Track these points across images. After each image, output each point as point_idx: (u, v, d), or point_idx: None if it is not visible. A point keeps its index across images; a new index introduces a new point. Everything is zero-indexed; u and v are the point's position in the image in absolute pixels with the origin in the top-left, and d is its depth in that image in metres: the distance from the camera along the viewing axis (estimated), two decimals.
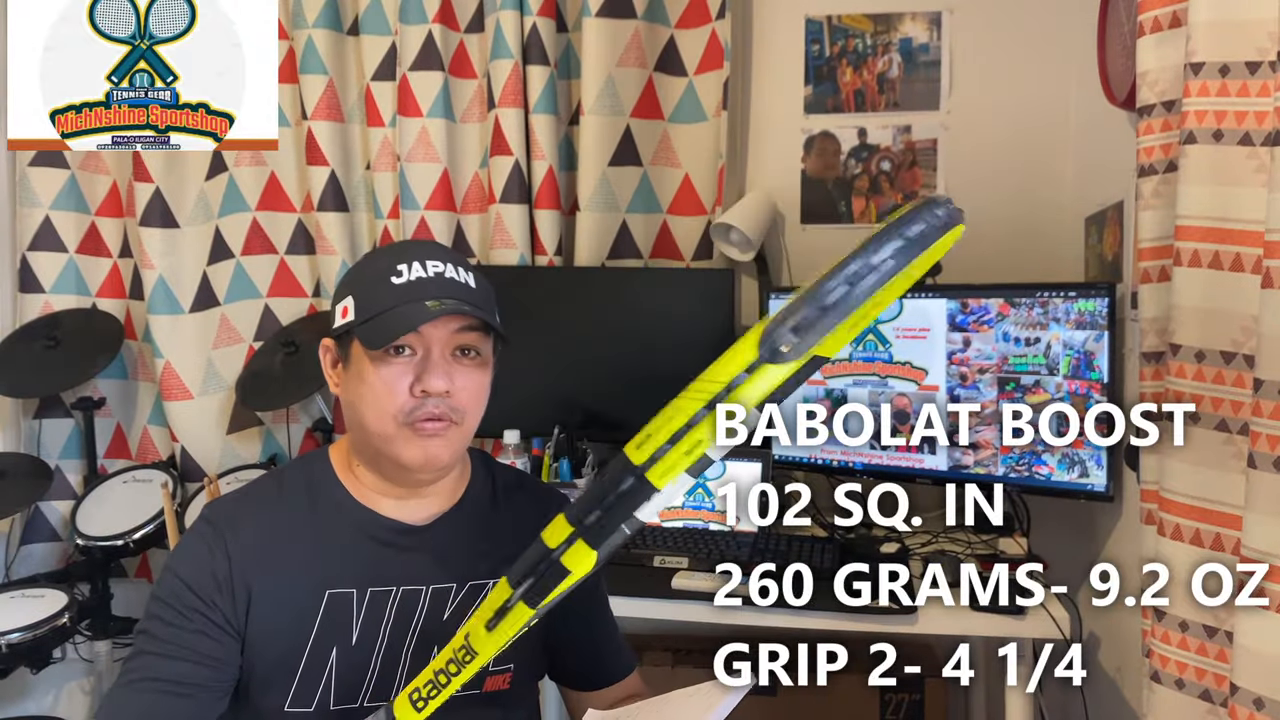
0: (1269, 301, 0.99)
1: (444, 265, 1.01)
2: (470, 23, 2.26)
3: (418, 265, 1.00)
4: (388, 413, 0.99)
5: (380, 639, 1.03)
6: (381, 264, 1.01)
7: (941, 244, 0.66)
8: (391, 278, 0.99)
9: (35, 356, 2.20)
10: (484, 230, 2.29)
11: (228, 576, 0.99)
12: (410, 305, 0.97)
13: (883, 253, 0.55)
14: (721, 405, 0.54)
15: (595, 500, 0.59)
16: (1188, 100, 1.15)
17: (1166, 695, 1.21)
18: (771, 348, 0.54)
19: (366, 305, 0.99)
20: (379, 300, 0.98)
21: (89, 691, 2.39)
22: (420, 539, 1.07)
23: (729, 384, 0.54)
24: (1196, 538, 1.17)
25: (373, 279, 1.00)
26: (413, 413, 0.99)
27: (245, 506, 1.07)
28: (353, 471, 1.07)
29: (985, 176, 2.23)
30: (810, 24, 2.29)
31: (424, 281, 0.99)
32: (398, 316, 0.96)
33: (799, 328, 0.54)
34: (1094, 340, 1.65)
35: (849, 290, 0.54)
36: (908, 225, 0.56)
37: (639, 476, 0.56)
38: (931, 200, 0.59)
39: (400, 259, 1.00)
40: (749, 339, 0.54)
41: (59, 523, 2.35)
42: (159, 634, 0.98)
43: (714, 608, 1.54)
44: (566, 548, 0.62)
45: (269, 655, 1.01)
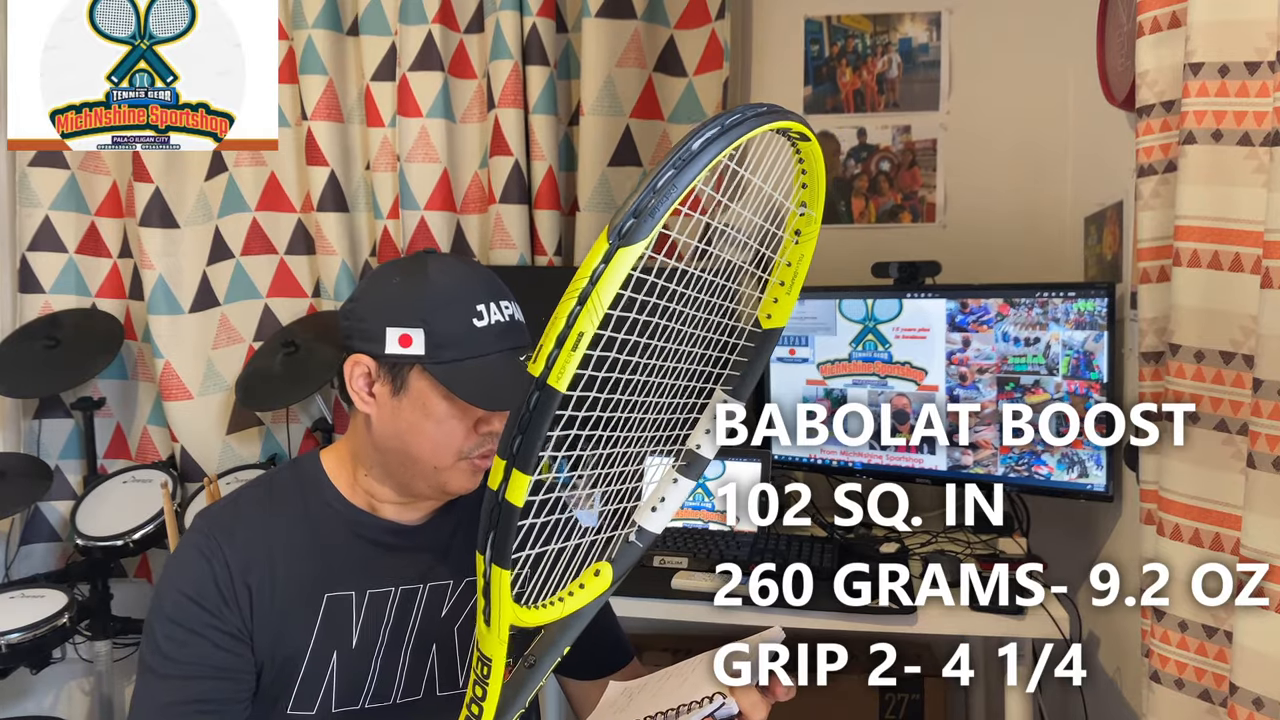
0: (1268, 301, 0.99)
1: (510, 304, 1.02)
2: (470, 23, 2.26)
3: (494, 307, 0.99)
4: (452, 449, 0.99)
5: (380, 640, 1.04)
6: (452, 296, 0.99)
7: (811, 156, 0.75)
8: (473, 319, 0.98)
9: (35, 356, 2.20)
10: (484, 230, 2.29)
11: (229, 584, 0.99)
12: (504, 358, 0.98)
13: (702, 137, 0.62)
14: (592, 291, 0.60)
15: (513, 425, 0.63)
16: (1187, 100, 1.15)
17: (1166, 695, 1.21)
18: (619, 233, 0.60)
19: (445, 345, 0.97)
20: (462, 343, 0.97)
21: (89, 691, 2.39)
22: (415, 538, 1.07)
23: (591, 276, 0.60)
24: (1196, 537, 1.17)
25: (447, 314, 0.98)
26: (474, 450, 1.00)
27: (238, 514, 1.06)
28: (355, 479, 1.06)
29: (985, 176, 2.23)
30: (810, 24, 2.29)
31: (503, 328, 0.99)
32: (496, 376, 0.97)
33: (638, 211, 0.60)
34: (1093, 340, 1.65)
35: (675, 174, 0.61)
36: (727, 115, 0.65)
37: (541, 385, 0.62)
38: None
39: (473, 296, 0.99)
40: (600, 238, 0.61)
41: (59, 523, 2.35)
42: (175, 655, 0.97)
43: (714, 608, 1.54)
44: (506, 483, 0.64)
45: (269, 660, 1.00)
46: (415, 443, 1.00)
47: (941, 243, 2.22)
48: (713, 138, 0.63)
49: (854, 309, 1.94)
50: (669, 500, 0.82)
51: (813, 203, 0.78)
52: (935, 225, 2.27)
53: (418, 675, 1.06)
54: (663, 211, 0.61)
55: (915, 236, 2.26)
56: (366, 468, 1.05)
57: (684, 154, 0.62)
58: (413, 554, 1.06)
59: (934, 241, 2.24)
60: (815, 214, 0.79)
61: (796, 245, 0.80)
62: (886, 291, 1.92)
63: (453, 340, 0.97)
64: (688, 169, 0.61)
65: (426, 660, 1.06)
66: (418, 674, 1.06)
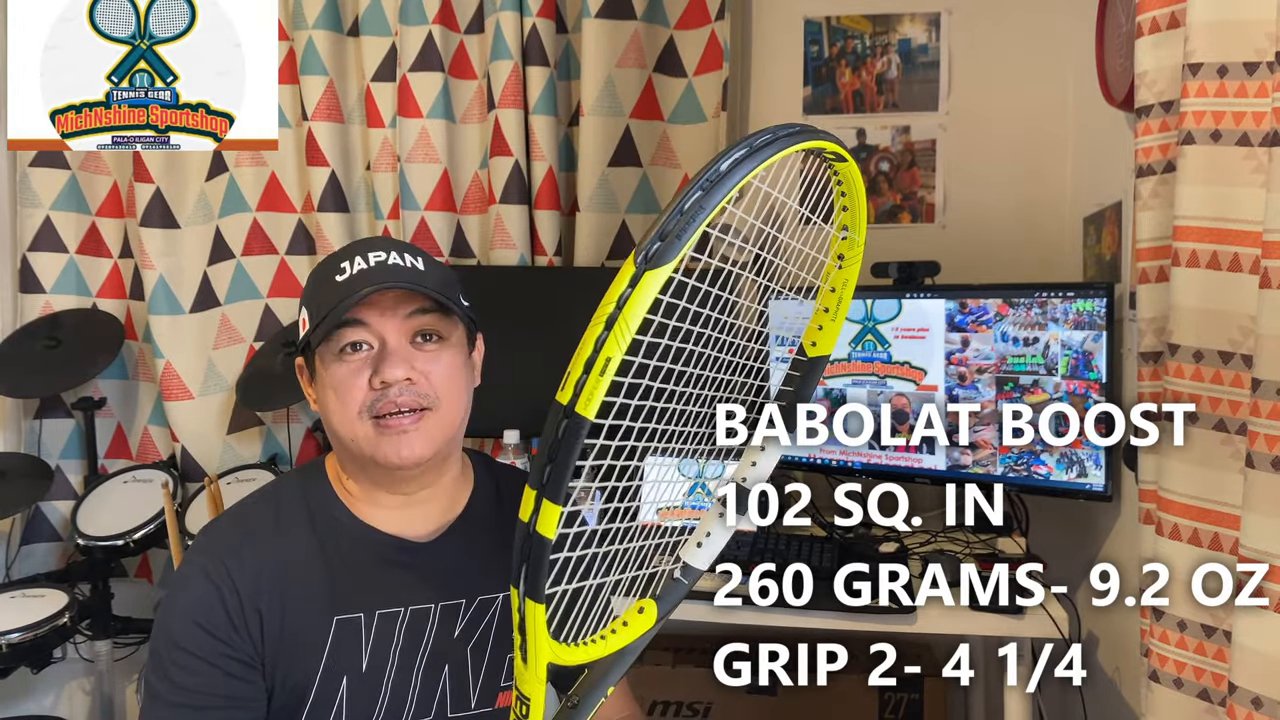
0: (1267, 301, 0.99)
1: (387, 254, 0.98)
2: (470, 24, 2.27)
3: (359, 259, 0.97)
4: (351, 411, 0.97)
5: (390, 663, 1.01)
6: (327, 267, 0.99)
7: (850, 178, 0.72)
8: (335, 277, 0.97)
9: (35, 356, 2.20)
10: (484, 231, 2.29)
11: (239, 610, 0.97)
12: (352, 298, 0.94)
13: (731, 158, 0.61)
14: (619, 318, 0.59)
15: (543, 455, 0.61)
16: (1186, 101, 1.15)
17: (1165, 694, 1.21)
18: (645, 256, 0.59)
19: (317, 310, 0.97)
20: (326, 301, 0.96)
21: (89, 691, 2.39)
22: (426, 555, 1.04)
23: (618, 301, 0.59)
24: (1195, 537, 1.17)
25: (320, 284, 0.98)
26: (374, 405, 0.96)
27: (246, 534, 1.02)
28: (344, 485, 1.04)
29: (984, 177, 2.23)
30: (809, 25, 2.29)
31: (365, 273, 0.96)
32: (340, 311, 0.94)
33: (664, 234, 0.59)
34: (1092, 340, 1.65)
35: (703, 195, 0.60)
36: (756, 136, 0.63)
37: (569, 413, 0.60)
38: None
39: (343, 258, 0.98)
40: (628, 261, 0.60)
41: (59, 523, 2.35)
42: (185, 684, 0.95)
43: (714, 608, 1.54)
44: (536, 515, 0.62)
45: (280, 685, 0.98)
46: (331, 419, 0.99)
47: (941, 243, 2.22)
48: (741, 159, 0.62)
49: (853, 309, 1.93)
50: (715, 535, 0.80)
51: (854, 226, 0.76)
52: (934, 225, 2.27)
53: (429, 696, 1.03)
54: (690, 234, 0.59)
55: (914, 237, 2.27)
56: (343, 469, 1.04)
57: (712, 175, 0.61)
58: (423, 572, 1.03)
59: (933, 242, 2.24)
60: (858, 238, 0.77)
61: (840, 270, 0.79)
62: (886, 291, 1.93)
63: (323, 304, 0.96)
64: (715, 190, 0.60)
65: (438, 681, 1.03)
66: (429, 695, 1.03)
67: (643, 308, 0.59)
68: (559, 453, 0.60)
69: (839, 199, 0.75)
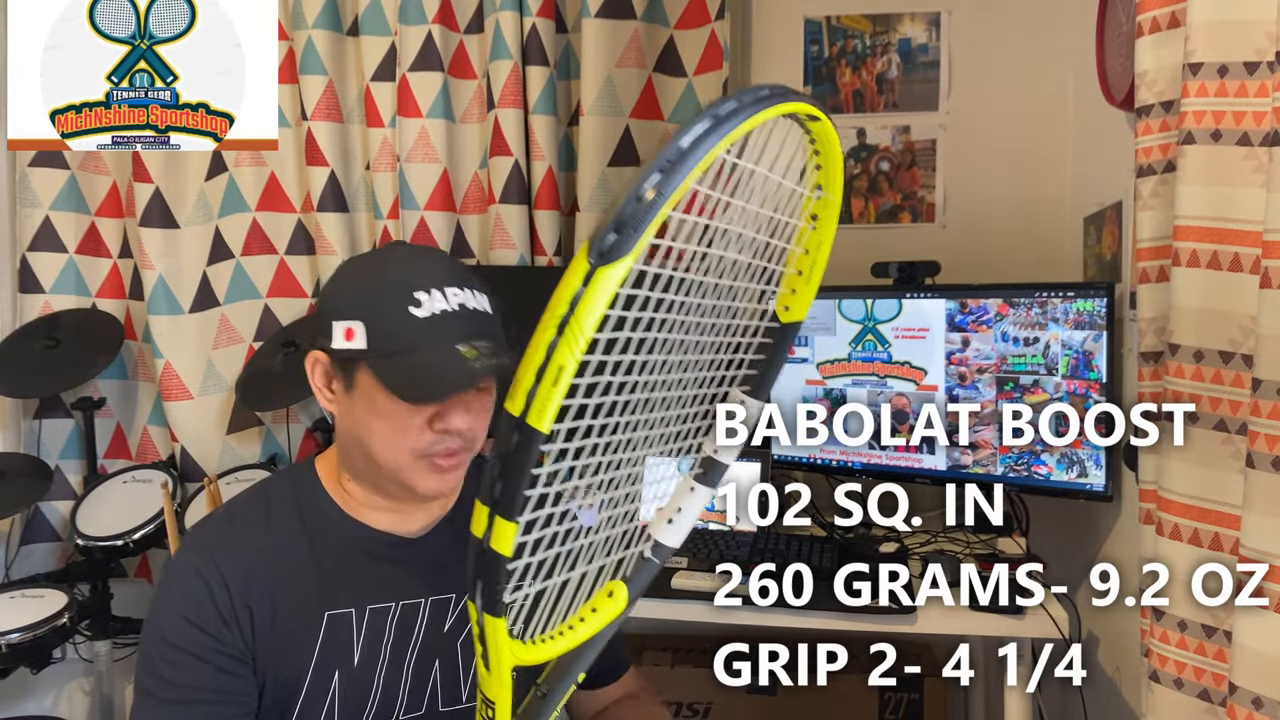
0: (1267, 301, 0.99)
1: (462, 291, 0.94)
2: (470, 23, 2.26)
3: (438, 294, 0.92)
4: (404, 448, 0.95)
5: (382, 658, 1.01)
6: (393, 286, 0.93)
7: (824, 137, 0.66)
8: (410, 308, 0.91)
9: (35, 356, 2.20)
10: (484, 230, 2.29)
11: (229, 605, 0.96)
12: (442, 350, 0.90)
13: (693, 133, 0.53)
14: (571, 320, 0.53)
15: (494, 469, 0.56)
16: (1186, 100, 1.15)
17: (1165, 694, 1.21)
18: (599, 251, 0.52)
19: (384, 337, 0.92)
20: (400, 335, 0.91)
21: (89, 691, 2.39)
22: (415, 550, 1.04)
23: (571, 301, 0.53)
24: (1195, 537, 1.17)
25: (387, 305, 0.92)
26: (432, 448, 0.95)
27: (235, 531, 1.02)
28: (342, 486, 1.04)
29: (984, 177, 2.23)
30: (809, 24, 2.29)
31: (449, 317, 0.92)
32: (431, 368, 0.90)
33: (620, 224, 0.52)
34: (1092, 340, 1.65)
35: (663, 178, 0.52)
36: (720, 104, 0.54)
37: (520, 426, 0.54)
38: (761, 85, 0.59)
39: (415, 283, 0.92)
40: (579, 255, 0.53)
41: (59, 523, 2.35)
42: (174, 679, 0.95)
43: (714, 607, 1.54)
44: (490, 530, 0.58)
45: (271, 680, 0.99)
46: (370, 441, 0.96)
47: (941, 243, 2.22)
48: (704, 133, 0.53)
49: (853, 309, 1.94)
50: (686, 510, 0.75)
51: (829, 185, 0.71)
52: (935, 225, 2.27)
53: (420, 691, 1.04)
54: (647, 222, 0.52)
55: (914, 236, 2.27)
56: (347, 470, 1.03)
57: (671, 154, 0.52)
58: (413, 567, 1.03)
59: (933, 241, 2.24)
60: (833, 197, 0.72)
61: (814, 231, 0.73)
62: (886, 291, 1.92)
63: (391, 333, 0.92)
64: (676, 171, 0.52)
65: (429, 676, 1.04)
66: (420, 690, 1.04)
67: (598, 308, 0.53)
68: (510, 468, 0.56)
69: (812, 157, 0.69)
